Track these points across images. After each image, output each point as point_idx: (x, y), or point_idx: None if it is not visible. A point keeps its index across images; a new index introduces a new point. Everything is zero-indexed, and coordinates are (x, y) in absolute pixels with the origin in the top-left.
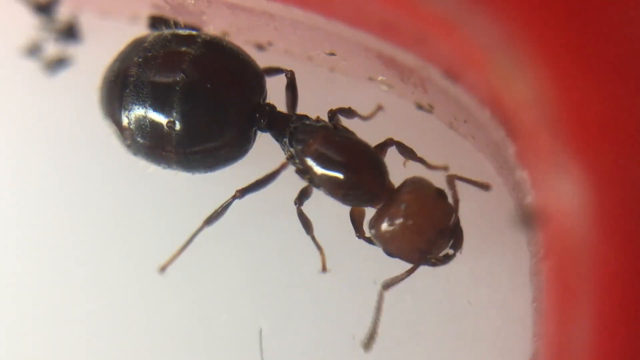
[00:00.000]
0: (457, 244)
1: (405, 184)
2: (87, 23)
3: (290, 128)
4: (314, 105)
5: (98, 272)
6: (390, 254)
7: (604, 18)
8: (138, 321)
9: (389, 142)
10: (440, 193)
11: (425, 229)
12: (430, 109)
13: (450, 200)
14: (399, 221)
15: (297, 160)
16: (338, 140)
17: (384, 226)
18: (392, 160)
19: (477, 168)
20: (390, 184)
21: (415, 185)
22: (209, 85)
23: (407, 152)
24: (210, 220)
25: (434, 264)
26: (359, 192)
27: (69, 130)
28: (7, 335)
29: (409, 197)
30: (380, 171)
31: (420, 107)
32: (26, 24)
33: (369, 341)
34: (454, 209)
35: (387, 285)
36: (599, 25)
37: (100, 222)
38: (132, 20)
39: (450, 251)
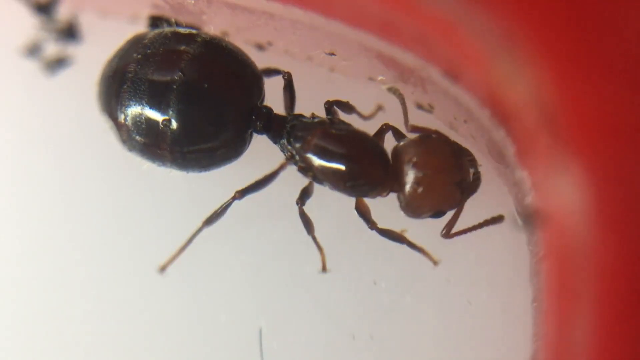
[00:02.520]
0: (472, 160)
1: (395, 154)
2: (87, 23)
3: (287, 128)
4: (314, 105)
5: (98, 271)
6: (439, 212)
7: (604, 18)
8: (138, 321)
9: (385, 128)
10: (424, 136)
11: (444, 164)
12: (430, 109)
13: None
14: (420, 179)
15: (297, 159)
16: (336, 132)
17: (414, 194)
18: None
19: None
20: (392, 168)
21: (404, 145)
22: (206, 86)
23: (403, 139)
24: (210, 220)
25: (474, 189)
26: (363, 181)
27: (68, 130)
28: (7, 335)
29: (409, 157)
30: (382, 158)
31: (420, 107)
32: (26, 24)
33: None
34: (444, 136)
35: (447, 232)
36: (599, 25)
37: (100, 222)
38: (132, 20)
39: (474, 170)
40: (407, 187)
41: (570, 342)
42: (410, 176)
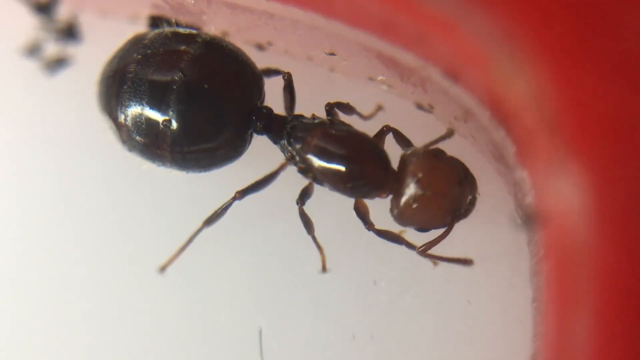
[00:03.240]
0: (473, 187)
1: (403, 161)
2: (87, 23)
3: (287, 129)
4: (314, 105)
5: (98, 271)
6: (423, 229)
7: (604, 18)
8: (138, 321)
9: (385, 130)
10: (437, 152)
11: (446, 190)
12: (430, 109)
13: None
14: (419, 197)
15: (298, 160)
16: (336, 133)
17: (408, 208)
18: (391, 154)
19: (477, 168)
20: (393, 171)
21: (414, 157)
22: (206, 86)
23: (403, 140)
24: (210, 220)
25: (465, 216)
26: (363, 182)
27: (68, 130)
28: (7, 335)
29: (415, 171)
30: (382, 159)
31: (420, 107)
32: (26, 24)
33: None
34: (457, 159)
35: (424, 250)
36: (599, 25)
37: (100, 222)
38: (132, 20)
39: (471, 196)
40: (403, 199)
41: (570, 342)
42: (410, 190)
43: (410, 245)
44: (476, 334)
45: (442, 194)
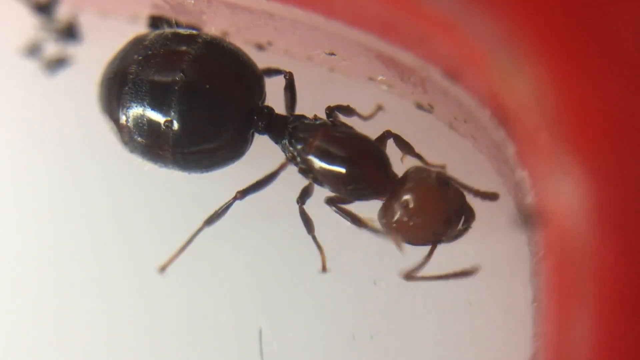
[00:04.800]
0: (468, 219)
1: (407, 175)
2: (87, 23)
3: (288, 129)
4: (314, 105)
5: (98, 271)
6: (407, 243)
7: (604, 18)
8: (138, 321)
9: (387, 135)
10: (442, 180)
11: (436, 216)
12: (430, 109)
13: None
14: (407, 213)
15: (299, 160)
16: (338, 135)
17: (394, 218)
18: (391, 155)
19: (477, 168)
20: (394, 175)
21: (418, 175)
22: (207, 86)
23: (405, 146)
24: (211, 220)
25: (451, 241)
26: (363, 185)
27: (69, 130)
28: (7, 335)
29: (413, 189)
30: (383, 163)
31: (420, 107)
32: (26, 24)
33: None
34: (459, 192)
35: (409, 275)
36: (599, 25)
37: (100, 222)
38: (132, 20)
39: (463, 227)
40: (388, 216)
41: (570, 342)
42: (398, 210)
43: (367, 228)
44: (476, 334)
45: (424, 228)
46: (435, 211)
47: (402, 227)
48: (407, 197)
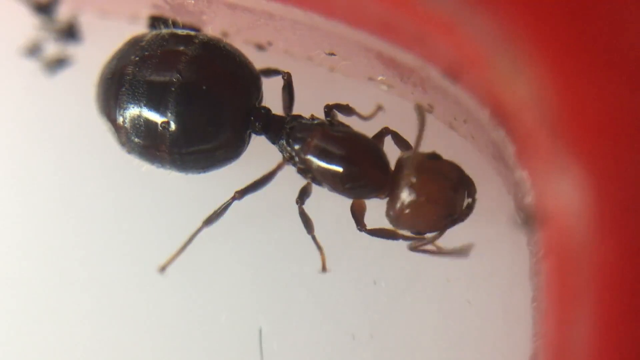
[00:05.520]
0: (471, 191)
1: (400, 164)
2: (87, 23)
3: (286, 129)
4: (313, 105)
5: (98, 271)
6: (418, 232)
7: (604, 18)
8: (138, 321)
9: (385, 132)
10: (433, 156)
11: (441, 196)
12: (430, 109)
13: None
14: (413, 201)
15: (297, 160)
16: (336, 134)
17: (402, 211)
18: (390, 155)
19: (477, 168)
20: (392, 172)
21: (410, 160)
22: (204, 87)
23: (402, 143)
24: (210, 220)
25: (461, 220)
26: (362, 184)
27: (69, 130)
28: (7, 335)
29: (409, 175)
30: (382, 160)
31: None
32: (26, 24)
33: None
34: (452, 163)
35: (414, 247)
36: (599, 25)
37: (100, 222)
38: (132, 20)
39: (469, 200)
40: (398, 204)
41: (570, 342)
42: (404, 194)
43: (406, 238)
44: (476, 334)
45: (435, 201)
46: (439, 182)
47: (415, 212)
48: (408, 181)
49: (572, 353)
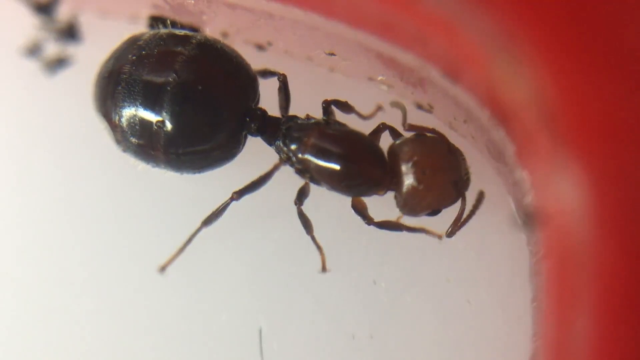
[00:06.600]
0: (463, 157)
1: (393, 152)
2: (87, 23)
3: (282, 130)
4: (313, 105)
5: (98, 271)
6: (435, 210)
7: (604, 18)
8: (138, 321)
9: (381, 127)
10: (419, 134)
11: (442, 162)
12: (430, 109)
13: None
14: (420, 179)
15: (294, 160)
16: (333, 133)
17: (413, 194)
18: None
19: (477, 168)
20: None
21: (401, 143)
22: (200, 87)
23: (399, 138)
24: (209, 221)
25: (467, 187)
26: (361, 181)
27: (69, 130)
28: (7, 335)
29: (409, 156)
30: (379, 157)
31: (420, 107)
32: (26, 24)
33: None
34: (439, 136)
35: (452, 232)
36: (599, 25)
37: (100, 222)
38: (131, 20)
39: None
40: (406, 186)
41: (570, 342)
42: (409, 175)
43: (411, 229)
44: (476, 334)
45: (441, 168)
46: (435, 152)
47: (424, 188)
48: (407, 162)
49: (572, 353)
